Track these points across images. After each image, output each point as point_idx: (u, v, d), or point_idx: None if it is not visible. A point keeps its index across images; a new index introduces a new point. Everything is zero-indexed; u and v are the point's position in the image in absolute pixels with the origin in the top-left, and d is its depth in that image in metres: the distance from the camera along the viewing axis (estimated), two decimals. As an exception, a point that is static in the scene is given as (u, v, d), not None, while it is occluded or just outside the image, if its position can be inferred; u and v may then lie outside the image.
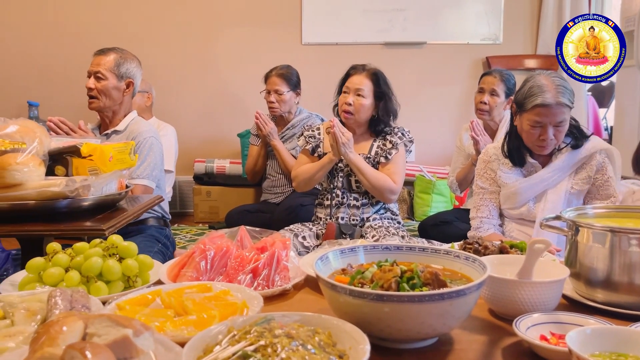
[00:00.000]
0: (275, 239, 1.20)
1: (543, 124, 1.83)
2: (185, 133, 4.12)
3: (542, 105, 1.80)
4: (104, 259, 1.08)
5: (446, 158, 4.22)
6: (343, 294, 0.82)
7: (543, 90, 1.80)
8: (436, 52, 4.34)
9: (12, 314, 0.85)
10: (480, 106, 2.99)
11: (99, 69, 2.35)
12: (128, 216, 1.46)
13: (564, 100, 1.79)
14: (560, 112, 1.81)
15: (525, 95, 1.85)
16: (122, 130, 2.40)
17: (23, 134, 1.39)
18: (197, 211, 3.98)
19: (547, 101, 1.79)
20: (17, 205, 1.33)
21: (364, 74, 2.59)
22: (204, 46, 4.31)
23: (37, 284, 1.06)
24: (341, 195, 2.65)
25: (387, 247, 1.04)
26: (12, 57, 4.25)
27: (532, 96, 1.82)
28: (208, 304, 0.91)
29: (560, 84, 1.81)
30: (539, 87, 1.82)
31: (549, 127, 1.83)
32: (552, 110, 1.80)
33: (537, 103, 1.80)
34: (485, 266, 0.90)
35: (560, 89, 1.81)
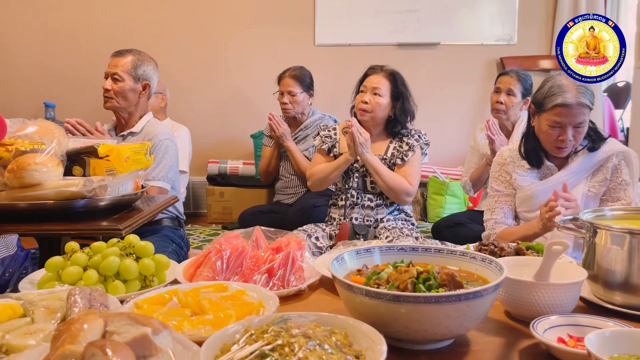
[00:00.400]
0: (290, 239, 1.20)
1: (562, 125, 1.81)
2: (199, 134, 4.14)
3: (562, 105, 1.78)
4: (121, 258, 1.10)
5: (459, 159, 4.19)
6: (359, 295, 0.82)
7: (564, 90, 1.79)
8: (450, 52, 4.32)
9: (33, 311, 0.86)
10: (497, 106, 2.97)
11: (117, 70, 2.38)
12: (144, 216, 1.47)
13: (585, 100, 1.77)
14: (580, 112, 1.79)
15: (545, 95, 1.83)
16: (137, 132, 2.42)
17: (42, 135, 1.41)
18: (210, 212, 4.00)
19: (568, 101, 1.77)
20: (36, 205, 1.35)
21: (381, 74, 2.59)
22: (218, 48, 4.33)
23: (56, 282, 1.07)
24: (356, 195, 2.65)
25: (402, 248, 1.04)
26: (29, 59, 4.31)
27: (553, 96, 1.80)
28: (224, 303, 0.92)
29: (581, 84, 1.79)
30: (559, 86, 1.80)
31: (569, 128, 1.80)
32: (573, 111, 1.78)
33: (557, 103, 1.78)
34: (502, 268, 0.89)
35: (581, 89, 1.79)
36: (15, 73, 4.32)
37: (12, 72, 4.32)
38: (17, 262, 1.16)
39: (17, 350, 0.76)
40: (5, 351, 0.77)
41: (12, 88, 4.32)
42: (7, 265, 1.13)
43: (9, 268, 1.12)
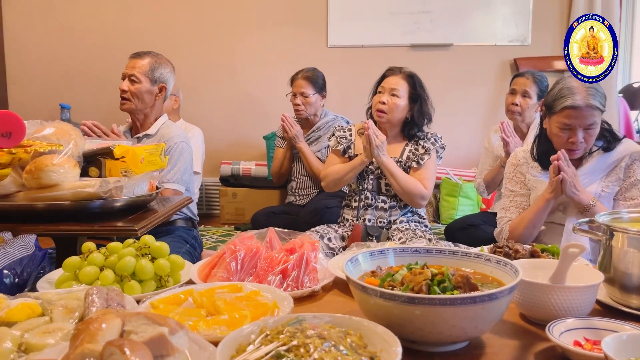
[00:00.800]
0: (304, 240, 1.21)
1: (572, 127, 1.79)
2: (212, 135, 4.17)
3: (571, 107, 1.77)
4: (137, 258, 1.11)
5: (473, 160, 4.17)
6: (374, 296, 0.82)
7: (573, 92, 1.77)
8: (463, 53, 4.30)
9: (51, 311, 0.87)
10: (512, 107, 2.95)
11: (134, 72, 2.40)
12: (159, 217, 1.48)
13: (595, 102, 1.76)
14: (590, 114, 1.77)
15: (555, 97, 1.82)
16: (153, 134, 2.44)
17: (59, 136, 1.43)
18: (223, 212, 4.02)
19: (577, 103, 1.76)
20: (53, 206, 1.37)
21: (400, 76, 2.59)
22: (231, 49, 4.35)
23: (73, 282, 1.09)
24: (370, 197, 2.65)
25: (416, 249, 1.04)
26: (45, 62, 4.37)
27: (562, 98, 1.79)
28: (239, 304, 0.93)
29: (591, 86, 1.78)
30: (568, 88, 1.79)
31: (579, 130, 1.79)
32: (582, 113, 1.76)
33: (566, 105, 1.77)
34: (517, 270, 0.89)
35: (591, 91, 1.78)
36: (31, 75, 4.38)
37: (28, 73, 4.38)
38: (35, 261, 1.18)
39: (37, 349, 0.77)
40: (24, 350, 0.78)
41: (28, 90, 4.39)
42: (26, 265, 1.14)
43: (27, 268, 1.14)
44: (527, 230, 1.87)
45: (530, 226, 1.86)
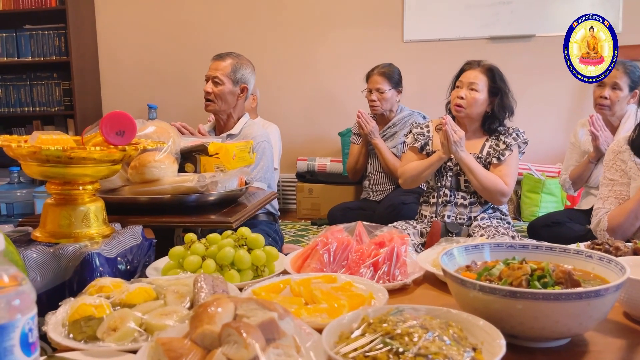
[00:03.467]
0: (393, 234, 1.22)
1: None
2: (288, 132, 4.26)
3: None
4: (235, 249, 1.17)
5: (556, 156, 4.00)
6: (472, 290, 0.83)
7: None
8: (545, 44, 4.12)
9: (165, 295, 0.95)
10: (600, 101, 2.79)
11: (217, 74, 2.50)
12: (250, 210, 1.55)
13: None
14: None
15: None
16: (236, 134, 2.54)
17: (159, 134, 1.53)
18: (299, 208, 4.11)
19: None
20: (155, 199, 1.47)
21: (478, 69, 2.54)
22: (306, 47, 4.43)
23: (178, 270, 1.16)
24: (449, 194, 2.61)
25: (511, 245, 1.03)
26: (134, 65, 4.65)
27: None
28: (335, 294, 0.96)
29: None
30: None
31: None
32: None
33: None
34: (623, 267, 0.86)
35: None
36: (121, 77, 4.67)
37: (119, 76, 4.68)
38: (143, 250, 1.27)
39: (157, 329, 0.84)
40: (145, 329, 0.86)
41: (119, 91, 4.69)
42: (135, 253, 1.24)
43: (136, 256, 1.24)
44: (627, 221, 1.78)
45: (632, 217, 1.77)
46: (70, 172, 1.17)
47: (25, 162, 1.18)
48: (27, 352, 0.57)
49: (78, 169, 1.18)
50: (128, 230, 1.28)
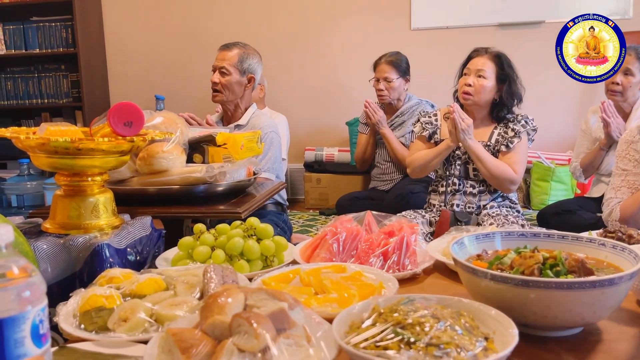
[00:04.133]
0: (402, 223, 1.21)
1: None
2: (296, 122, 4.25)
3: None
4: (245, 239, 1.17)
5: (567, 143, 3.96)
6: (484, 279, 0.82)
7: None
8: (555, 30, 4.01)
9: (174, 286, 0.95)
10: (612, 87, 2.75)
11: (224, 64, 2.49)
12: (258, 201, 1.55)
13: None
14: None
15: None
16: (244, 124, 2.54)
17: (167, 125, 1.53)
18: (307, 197, 4.11)
19: None
20: (163, 190, 1.47)
21: (486, 56, 2.51)
22: (313, 36, 4.40)
23: (187, 260, 1.17)
24: (458, 183, 2.60)
25: (522, 233, 1.02)
26: (142, 56, 4.64)
27: None
28: (345, 283, 0.95)
29: None
30: None
31: None
32: None
33: None
34: (637, 255, 0.85)
35: None
36: (129, 68, 4.67)
37: (127, 67, 4.67)
38: (152, 241, 1.27)
39: (167, 319, 0.84)
40: (155, 320, 0.86)
41: (126, 82, 4.69)
42: (145, 244, 1.24)
43: (146, 247, 1.24)
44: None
45: None
46: (79, 163, 1.17)
47: (34, 154, 1.18)
48: (38, 343, 0.57)
49: (86, 160, 1.18)
50: (137, 221, 1.28)
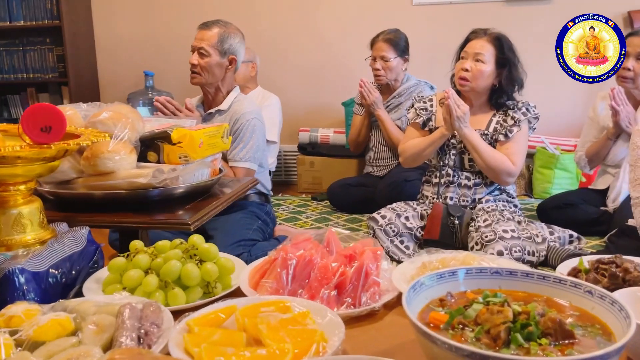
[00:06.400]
0: (366, 245, 1.06)
1: None
2: (290, 102, 4.07)
3: None
4: (183, 262, 1.02)
5: (573, 130, 3.75)
6: (441, 347, 0.67)
7: None
8: (566, 7, 3.80)
9: (82, 330, 0.81)
10: (623, 73, 2.53)
11: (203, 44, 2.32)
12: (216, 206, 1.40)
13: None
14: None
15: None
16: (225, 109, 2.38)
17: (115, 120, 1.38)
18: (300, 181, 3.96)
19: None
20: (110, 195, 1.32)
21: (485, 39, 2.32)
22: (309, 11, 4.17)
23: (118, 285, 1.03)
24: (452, 174, 2.43)
25: (497, 271, 0.86)
26: (131, 31, 4.43)
27: None
28: (283, 330, 0.81)
29: None
30: None
31: None
32: None
33: None
34: (629, 316, 0.69)
35: None
36: (118, 44, 4.47)
37: (116, 43, 4.48)
38: (86, 257, 1.13)
39: (56, 381, 0.70)
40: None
41: (116, 58, 4.50)
42: (75, 261, 1.10)
43: (77, 264, 1.10)
44: None
45: None
46: (-4, 172, 1.02)
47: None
48: None
49: (5, 169, 1.03)
50: (69, 234, 1.13)
